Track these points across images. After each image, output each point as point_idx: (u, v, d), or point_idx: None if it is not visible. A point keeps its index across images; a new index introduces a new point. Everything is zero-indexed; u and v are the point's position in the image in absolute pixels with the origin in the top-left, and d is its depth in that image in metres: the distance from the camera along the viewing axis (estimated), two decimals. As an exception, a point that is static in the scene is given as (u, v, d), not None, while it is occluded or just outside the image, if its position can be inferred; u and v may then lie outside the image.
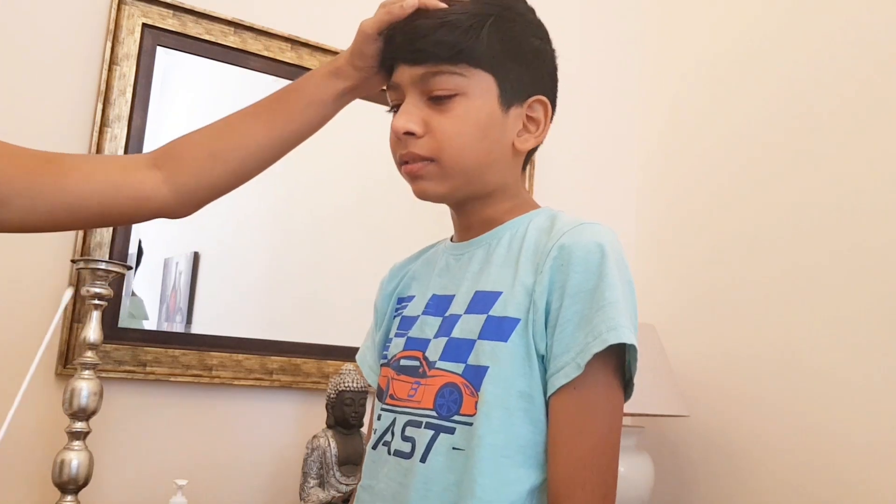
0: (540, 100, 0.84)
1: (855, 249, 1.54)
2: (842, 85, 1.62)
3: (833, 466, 1.51)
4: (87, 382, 1.27)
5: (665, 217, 2.05)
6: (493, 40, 0.79)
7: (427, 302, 0.87)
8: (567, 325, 0.73)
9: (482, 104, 0.80)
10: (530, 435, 0.75)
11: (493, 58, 0.80)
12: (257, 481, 1.55)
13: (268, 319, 1.60)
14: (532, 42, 0.84)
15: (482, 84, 0.79)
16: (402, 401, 0.83)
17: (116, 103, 1.45)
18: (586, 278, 0.74)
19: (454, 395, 0.77)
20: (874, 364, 1.47)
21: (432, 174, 0.80)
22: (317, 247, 1.67)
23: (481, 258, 0.84)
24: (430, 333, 0.83)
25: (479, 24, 0.78)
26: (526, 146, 0.84)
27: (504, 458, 0.74)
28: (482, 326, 0.77)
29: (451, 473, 0.75)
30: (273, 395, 1.58)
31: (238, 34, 1.59)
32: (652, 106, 2.15)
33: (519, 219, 0.84)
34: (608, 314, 0.72)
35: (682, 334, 1.89)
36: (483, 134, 0.80)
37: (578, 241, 0.75)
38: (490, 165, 0.82)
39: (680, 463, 1.85)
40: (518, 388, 0.75)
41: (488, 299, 0.79)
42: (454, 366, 0.78)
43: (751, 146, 1.81)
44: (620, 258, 0.77)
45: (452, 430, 0.76)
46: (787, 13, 1.78)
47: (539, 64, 0.85)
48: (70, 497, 1.25)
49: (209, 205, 0.90)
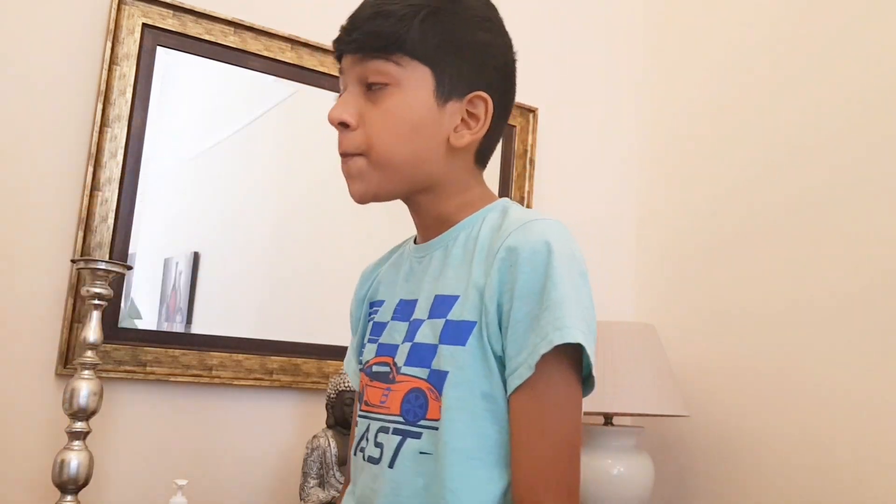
0: (480, 95, 0.82)
1: (855, 250, 1.54)
2: (844, 86, 1.62)
3: (833, 466, 1.51)
4: (87, 382, 1.27)
5: (665, 217, 2.05)
6: (428, 32, 0.78)
7: (395, 307, 0.87)
8: (518, 326, 0.73)
9: (416, 97, 0.79)
10: (498, 436, 0.75)
11: (429, 50, 0.78)
12: (257, 481, 1.55)
13: (268, 319, 1.60)
14: (476, 35, 0.82)
15: (417, 76, 0.78)
16: (375, 407, 0.83)
17: (116, 103, 1.45)
18: (533, 278, 0.73)
19: (420, 401, 0.77)
20: (874, 364, 1.47)
21: (363, 171, 0.80)
22: (317, 247, 1.67)
23: (439, 260, 0.83)
24: (399, 339, 0.83)
25: (413, 14, 0.78)
26: (461, 142, 0.81)
27: (474, 461, 0.74)
28: (441, 331, 0.77)
29: (420, 478, 0.76)
30: (273, 395, 1.58)
31: (238, 34, 1.59)
32: (652, 106, 2.15)
33: (473, 217, 0.84)
34: (554, 314, 0.71)
35: (682, 334, 1.89)
36: (414, 129, 0.79)
37: (525, 240, 0.75)
38: (424, 161, 0.81)
39: (680, 463, 1.85)
40: (481, 390, 0.75)
41: (447, 303, 0.79)
42: (419, 371, 0.78)
43: (752, 146, 1.81)
44: (569, 253, 0.75)
45: (419, 435, 0.76)
46: (789, 14, 1.78)
47: (483, 58, 0.82)
48: (70, 497, 1.24)
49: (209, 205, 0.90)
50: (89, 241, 1.42)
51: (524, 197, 1.91)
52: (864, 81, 1.58)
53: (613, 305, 2.04)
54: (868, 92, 1.57)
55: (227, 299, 1.57)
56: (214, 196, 1.57)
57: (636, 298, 2.09)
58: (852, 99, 1.60)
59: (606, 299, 2.03)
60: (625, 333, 1.66)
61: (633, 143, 2.17)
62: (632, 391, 1.57)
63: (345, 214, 1.68)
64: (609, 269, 2.07)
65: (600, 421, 1.71)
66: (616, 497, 1.62)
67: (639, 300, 2.08)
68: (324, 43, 1.66)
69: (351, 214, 1.70)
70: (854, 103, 1.59)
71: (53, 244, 1.40)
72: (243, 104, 1.63)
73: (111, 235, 1.44)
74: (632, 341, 1.65)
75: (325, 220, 1.68)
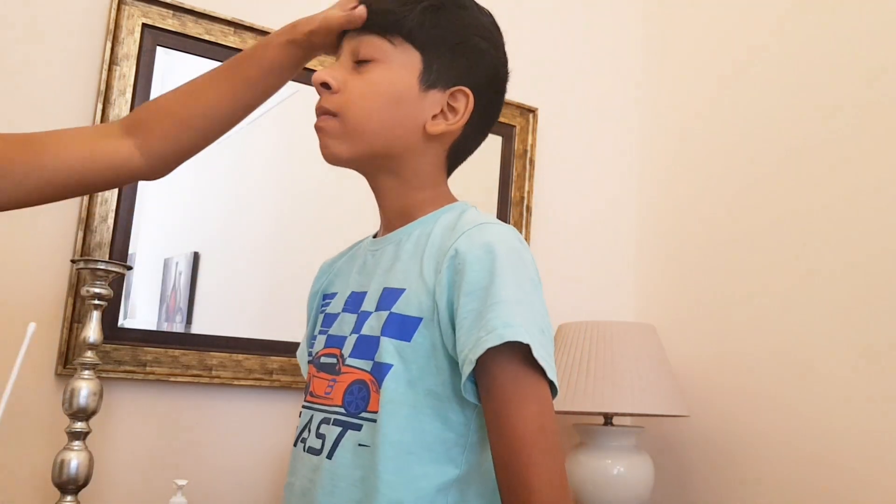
0: (463, 90, 0.84)
1: (856, 249, 1.54)
2: (844, 89, 1.62)
3: (833, 466, 1.51)
4: (87, 382, 1.27)
5: (665, 217, 2.05)
6: (427, 20, 0.82)
7: (346, 299, 0.87)
8: (463, 322, 0.74)
9: (400, 76, 0.82)
10: (439, 432, 0.76)
11: (424, 37, 0.82)
12: (257, 481, 1.55)
13: (267, 319, 1.60)
14: (472, 39, 0.85)
15: (407, 57, 0.82)
16: (319, 398, 0.83)
17: (116, 103, 1.45)
18: (480, 276, 0.74)
19: (363, 393, 0.77)
20: (874, 364, 1.47)
21: (335, 131, 0.82)
22: (317, 247, 1.66)
23: (391, 254, 0.84)
24: (347, 330, 0.83)
25: (417, 2, 0.82)
26: (436, 129, 0.83)
27: (410, 455, 0.74)
28: (384, 323, 0.78)
29: (357, 469, 0.76)
30: (273, 395, 1.58)
31: (238, 34, 1.59)
32: (653, 105, 2.15)
33: (430, 215, 0.85)
34: (501, 311, 0.72)
35: (682, 334, 1.89)
36: (391, 103, 0.81)
37: (474, 243, 0.76)
38: (395, 137, 0.82)
39: (680, 463, 1.85)
40: (425, 387, 0.76)
41: (393, 295, 0.79)
42: (363, 363, 0.79)
43: (752, 146, 1.81)
44: (517, 258, 0.76)
45: (359, 427, 0.77)
46: (789, 14, 1.78)
47: (475, 61, 0.85)
48: (70, 497, 1.25)
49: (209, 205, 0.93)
50: (89, 241, 1.42)
51: (524, 197, 1.91)
52: (866, 82, 1.58)
53: (613, 305, 2.04)
54: (869, 92, 1.57)
55: (227, 299, 1.57)
56: (214, 196, 1.57)
57: (636, 298, 2.09)
58: (853, 98, 1.60)
59: (606, 299, 2.04)
60: (625, 333, 1.66)
61: (633, 143, 2.17)
62: (632, 391, 1.57)
63: (344, 214, 1.68)
64: (609, 269, 2.07)
65: (600, 421, 1.71)
66: (616, 497, 1.62)
67: (639, 300, 2.08)
68: (324, 43, 1.66)
69: (351, 214, 1.70)
70: (855, 103, 1.59)
71: (53, 244, 1.40)
72: (243, 104, 1.62)
73: (111, 235, 1.44)
74: (632, 341, 1.65)
75: (325, 220, 1.68)
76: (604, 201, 2.10)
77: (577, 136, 2.08)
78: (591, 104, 2.12)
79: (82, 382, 1.27)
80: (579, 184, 2.07)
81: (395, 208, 0.87)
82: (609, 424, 1.69)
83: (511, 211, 1.89)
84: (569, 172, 2.04)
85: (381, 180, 0.87)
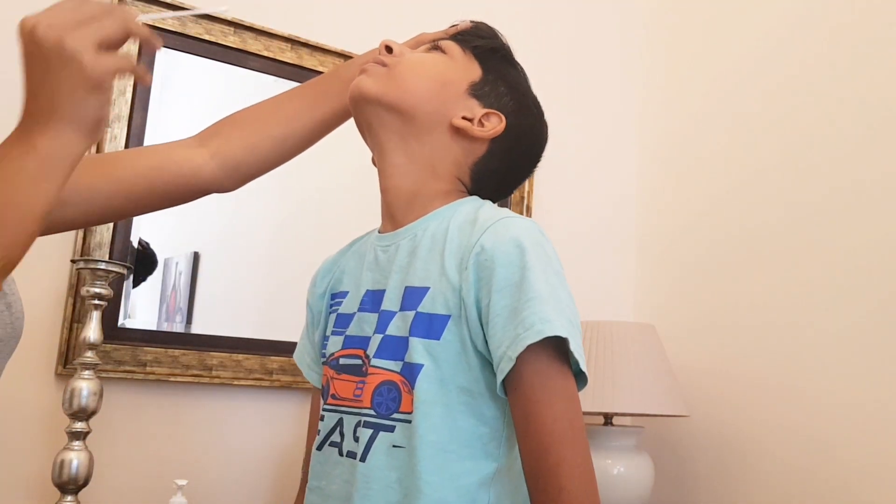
0: (499, 115, 0.88)
1: (855, 250, 1.54)
2: (844, 89, 1.62)
3: (833, 466, 1.51)
4: (87, 382, 1.27)
5: (665, 217, 2.05)
6: (502, 57, 0.91)
7: (361, 298, 0.87)
8: (497, 319, 0.74)
9: (455, 70, 0.88)
10: (474, 428, 0.76)
11: (492, 62, 0.90)
12: (257, 481, 1.55)
13: (268, 319, 1.60)
14: (524, 94, 0.93)
15: (470, 64, 0.88)
16: (348, 400, 0.83)
17: (116, 103, 1.46)
18: (511, 272, 0.74)
19: (392, 394, 0.78)
20: (874, 364, 1.47)
21: (377, 73, 0.85)
22: (317, 246, 1.66)
23: (407, 250, 0.83)
24: (370, 330, 0.83)
25: (506, 45, 0.93)
26: (458, 124, 0.86)
27: (447, 453, 0.75)
28: (412, 323, 0.78)
29: (393, 471, 0.76)
30: (273, 395, 1.58)
31: (238, 34, 1.59)
32: (652, 106, 2.15)
33: (445, 208, 0.85)
34: (535, 308, 0.72)
35: (682, 334, 1.89)
36: (437, 80, 0.86)
37: (499, 239, 0.76)
38: (423, 104, 0.85)
39: (680, 463, 1.85)
40: (457, 384, 0.76)
41: (417, 294, 0.79)
42: (392, 363, 0.79)
43: (752, 147, 1.81)
44: (542, 251, 0.77)
45: (392, 428, 0.77)
46: (792, 17, 1.78)
47: (518, 105, 0.91)
48: (70, 497, 1.25)
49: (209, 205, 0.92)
50: (89, 241, 1.42)
51: (524, 197, 1.91)
52: (868, 87, 1.58)
53: (613, 305, 2.04)
54: (872, 97, 1.57)
55: (227, 299, 1.57)
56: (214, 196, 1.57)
57: (636, 298, 2.09)
58: (853, 99, 1.60)
59: (606, 299, 2.03)
60: (625, 333, 1.66)
61: (633, 142, 2.17)
62: (632, 391, 1.57)
63: (345, 214, 1.68)
64: (609, 269, 2.07)
65: (600, 421, 1.71)
66: (616, 497, 1.62)
67: (639, 300, 2.08)
68: (324, 43, 1.66)
69: (351, 214, 1.70)
70: (856, 104, 1.59)
71: (53, 244, 1.40)
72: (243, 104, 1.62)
73: (111, 235, 1.44)
74: (632, 341, 1.65)
75: (325, 220, 1.68)
76: (604, 201, 2.10)
77: (577, 136, 2.07)
78: (592, 104, 2.12)
79: (82, 382, 1.27)
80: (579, 184, 2.07)
81: (400, 191, 0.86)
82: (609, 424, 1.69)
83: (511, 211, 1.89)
84: (569, 172, 2.04)
85: (389, 149, 0.87)
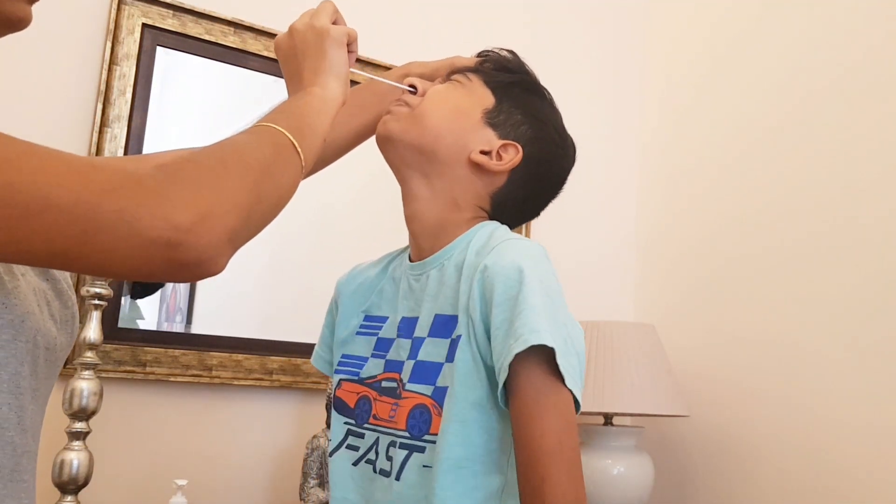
0: (516, 146, 0.89)
1: (855, 250, 1.54)
2: (842, 77, 1.62)
3: (833, 466, 1.51)
4: (87, 382, 1.27)
5: (665, 217, 2.05)
6: (524, 86, 0.94)
7: (398, 324, 0.90)
8: (497, 332, 0.76)
9: (470, 99, 0.90)
10: (485, 443, 0.78)
11: (508, 92, 0.92)
12: (257, 481, 1.55)
13: (268, 319, 1.60)
14: (544, 122, 0.94)
15: (482, 91, 0.91)
16: (385, 421, 0.86)
17: (116, 103, 1.45)
18: (508, 287, 0.77)
19: (424, 416, 0.80)
20: (875, 363, 1.47)
21: (401, 115, 0.89)
22: (317, 246, 1.67)
23: (436, 279, 0.87)
24: (404, 356, 0.87)
25: (530, 72, 0.96)
26: (476, 159, 0.88)
27: (461, 469, 0.77)
28: (448, 350, 0.81)
29: (422, 489, 0.79)
30: (273, 395, 1.58)
31: (238, 34, 1.59)
32: (651, 105, 2.15)
33: (465, 234, 0.88)
34: (527, 318, 0.74)
35: (682, 334, 1.89)
36: (454, 112, 0.89)
37: (501, 258, 0.79)
38: (443, 139, 0.88)
39: (680, 463, 1.85)
40: (471, 400, 0.78)
41: (449, 323, 0.82)
42: (423, 387, 0.82)
43: (751, 146, 1.81)
44: (541, 273, 0.79)
45: (423, 449, 0.80)
46: (792, 25, 1.78)
47: (536, 134, 0.92)
48: (70, 497, 1.24)
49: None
50: (89, 241, 1.41)
51: (524, 197, 1.91)
52: (867, 83, 1.58)
53: (613, 305, 2.04)
54: (866, 83, 1.57)
55: (226, 299, 1.57)
56: (214, 196, 1.57)
57: (636, 298, 2.09)
58: (854, 100, 1.60)
59: (606, 299, 2.03)
60: (625, 333, 1.66)
61: (633, 143, 2.17)
62: (632, 391, 1.57)
63: (345, 214, 1.68)
64: (609, 270, 2.07)
65: (600, 421, 1.71)
66: (616, 497, 1.62)
67: (639, 300, 2.08)
68: (324, 43, 1.66)
69: (351, 214, 1.70)
70: (856, 105, 1.59)
71: (53, 244, 1.40)
72: (243, 104, 1.63)
73: (111, 235, 1.44)
74: (632, 341, 1.65)
75: (326, 220, 1.68)
76: (604, 202, 2.10)
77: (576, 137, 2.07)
78: (592, 105, 2.12)
79: (82, 382, 1.27)
80: (580, 184, 2.06)
81: (425, 223, 0.90)
82: (609, 424, 1.69)
83: (511, 211, 1.89)
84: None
85: (414, 184, 0.90)
